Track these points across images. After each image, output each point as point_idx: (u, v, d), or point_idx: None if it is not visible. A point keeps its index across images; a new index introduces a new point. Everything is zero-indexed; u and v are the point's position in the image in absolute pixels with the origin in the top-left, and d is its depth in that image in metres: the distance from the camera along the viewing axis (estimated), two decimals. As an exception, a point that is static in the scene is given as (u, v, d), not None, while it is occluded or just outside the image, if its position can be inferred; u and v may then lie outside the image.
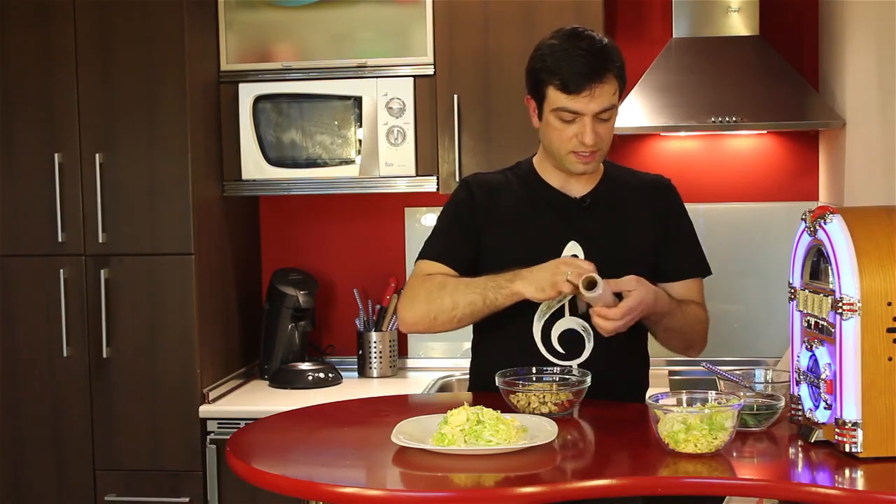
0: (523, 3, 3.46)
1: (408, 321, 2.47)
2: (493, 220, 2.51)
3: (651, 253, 2.53)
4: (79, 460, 3.46)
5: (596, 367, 2.39)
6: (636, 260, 2.46)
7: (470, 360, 2.64)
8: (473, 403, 2.07)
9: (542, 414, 2.19)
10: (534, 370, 2.36)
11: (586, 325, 2.43)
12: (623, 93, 2.46)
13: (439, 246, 2.53)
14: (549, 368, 2.38)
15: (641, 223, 2.54)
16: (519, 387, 2.25)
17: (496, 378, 2.28)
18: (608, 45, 2.41)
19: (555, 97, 2.39)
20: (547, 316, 2.44)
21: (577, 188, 2.53)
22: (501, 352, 2.47)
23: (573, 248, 2.45)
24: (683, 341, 2.56)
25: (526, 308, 2.41)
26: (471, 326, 2.56)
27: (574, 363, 2.42)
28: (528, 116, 2.49)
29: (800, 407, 2.04)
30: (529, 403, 2.22)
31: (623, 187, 2.57)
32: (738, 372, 2.32)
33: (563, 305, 2.43)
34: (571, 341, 2.45)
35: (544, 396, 2.22)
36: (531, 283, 2.32)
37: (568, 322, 2.45)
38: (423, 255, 2.54)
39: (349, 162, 3.56)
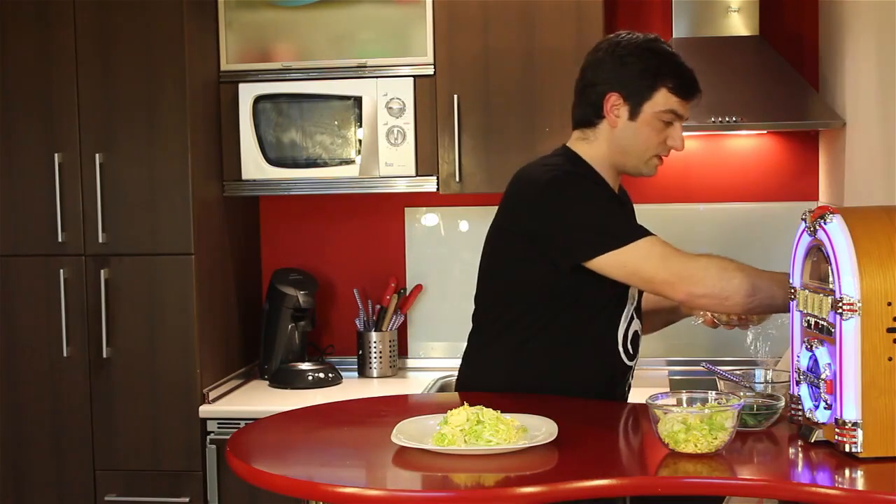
0: (523, 3, 3.46)
1: (696, 293, 2.28)
2: None
3: None
4: (79, 460, 3.46)
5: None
6: None
7: (492, 365, 2.51)
8: (473, 403, 2.07)
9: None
10: None
11: (640, 324, 2.53)
12: None
13: (635, 224, 2.38)
14: None
15: None
16: None
17: None
18: None
19: (665, 99, 2.40)
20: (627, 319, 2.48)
21: (616, 188, 2.54)
22: (577, 353, 2.42)
23: None
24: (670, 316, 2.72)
25: (613, 311, 2.41)
26: (497, 323, 2.50)
27: (633, 363, 2.53)
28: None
29: (800, 407, 2.04)
30: None
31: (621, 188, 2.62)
32: (738, 372, 2.33)
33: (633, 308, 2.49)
34: (635, 343, 2.51)
35: None
36: None
37: (636, 324, 2.50)
38: (633, 237, 2.29)
39: (349, 162, 3.56)
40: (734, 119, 3.37)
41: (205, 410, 3.41)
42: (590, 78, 2.45)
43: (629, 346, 2.47)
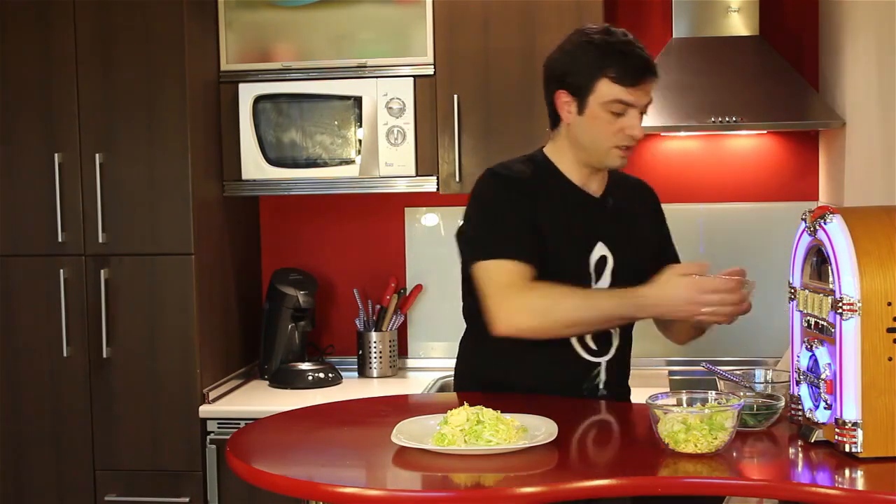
0: (523, 3, 3.46)
1: (520, 327, 2.34)
2: (539, 210, 2.45)
3: (655, 253, 2.56)
4: (79, 460, 3.46)
5: (618, 362, 2.50)
6: (646, 260, 2.49)
7: (470, 356, 2.59)
8: (473, 403, 2.07)
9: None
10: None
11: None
12: None
13: (510, 242, 2.37)
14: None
15: (644, 224, 2.61)
16: None
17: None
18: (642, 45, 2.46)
19: (608, 90, 2.38)
20: None
21: (595, 187, 2.52)
22: (531, 349, 2.40)
23: (601, 249, 2.45)
24: (694, 330, 2.57)
25: None
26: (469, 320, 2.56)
27: (603, 360, 2.46)
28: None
29: (800, 407, 2.04)
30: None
31: (624, 188, 2.59)
32: (738, 372, 2.33)
33: None
34: (601, 339, 2.47)
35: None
36: (665, 307, 2.29)
37: None
38: (492, 255, 2.36)
39: (349, 162, 3.56)
40: (734, 119, 3.37)
41: (205, 410, 3.41)
42: (545, 77, 2.49)
43: (588, 342, 2.44)
